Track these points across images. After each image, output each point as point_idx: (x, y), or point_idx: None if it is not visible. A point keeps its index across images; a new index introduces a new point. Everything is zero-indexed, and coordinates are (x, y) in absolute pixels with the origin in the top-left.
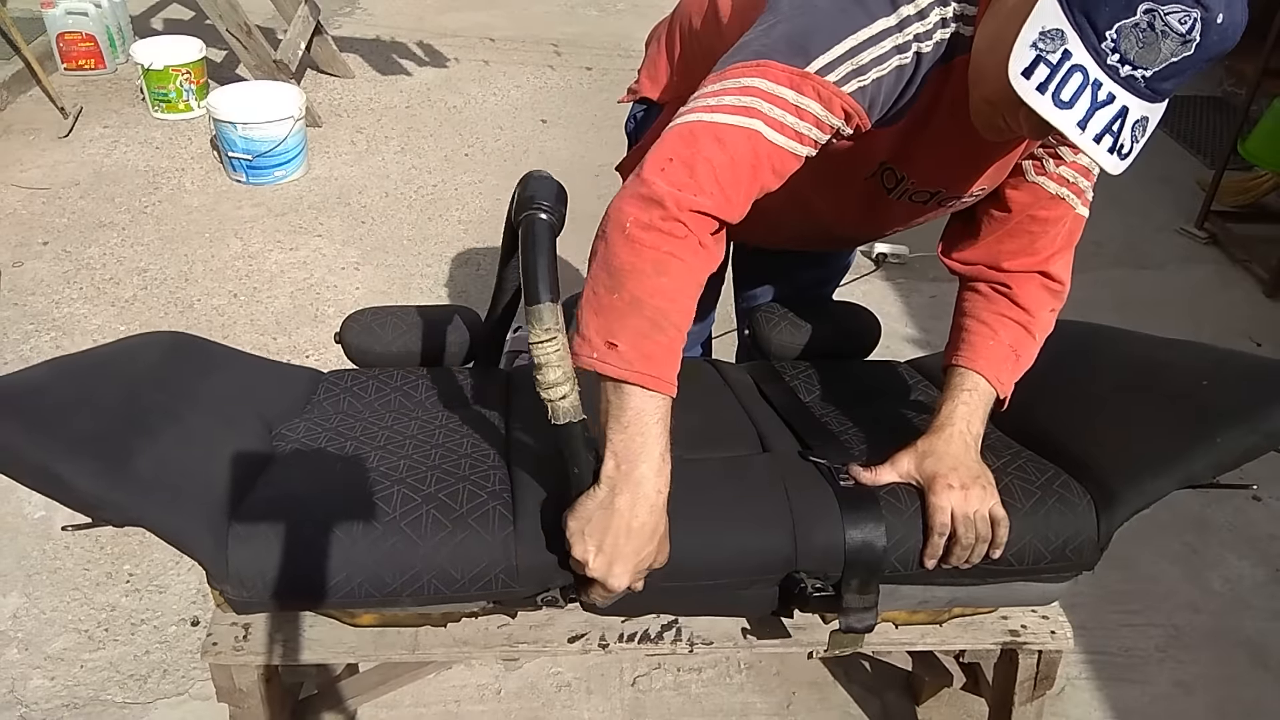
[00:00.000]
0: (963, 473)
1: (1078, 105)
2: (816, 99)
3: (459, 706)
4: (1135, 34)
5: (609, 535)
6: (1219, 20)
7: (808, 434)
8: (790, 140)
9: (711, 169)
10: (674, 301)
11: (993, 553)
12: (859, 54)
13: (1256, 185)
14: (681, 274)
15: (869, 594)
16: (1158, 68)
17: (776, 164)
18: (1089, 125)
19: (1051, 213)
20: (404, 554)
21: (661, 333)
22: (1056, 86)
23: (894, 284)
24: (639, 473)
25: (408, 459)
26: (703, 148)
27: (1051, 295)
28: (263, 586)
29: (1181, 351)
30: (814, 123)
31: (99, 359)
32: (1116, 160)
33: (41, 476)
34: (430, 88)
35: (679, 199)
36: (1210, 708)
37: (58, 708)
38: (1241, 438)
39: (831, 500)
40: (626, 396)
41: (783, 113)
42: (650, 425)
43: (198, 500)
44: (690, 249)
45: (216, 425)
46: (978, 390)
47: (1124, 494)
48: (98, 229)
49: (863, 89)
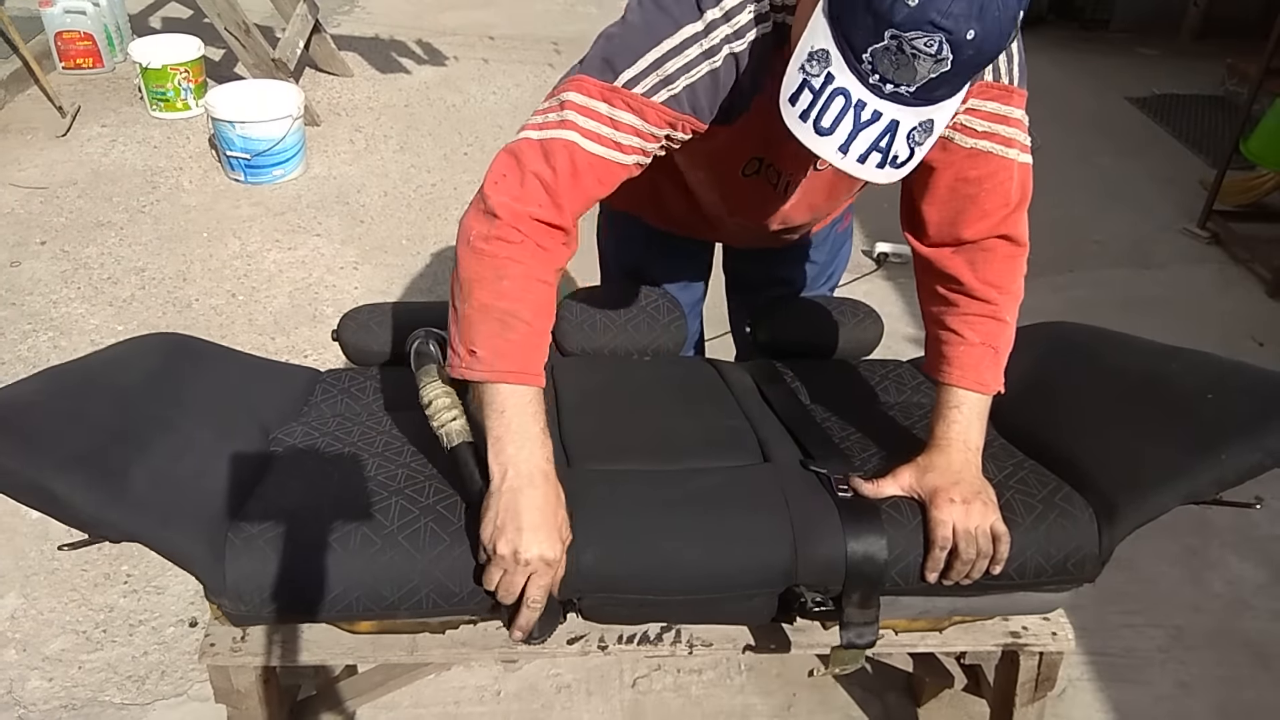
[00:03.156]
0: (964, 488)
1: (839, 130)
2: (628, 110)
3: (458, 708)
4: (888, 56)
5: (505, 514)
6: (969, 36)
7: (809, 441)
8: (609, 149)
9: (538, 181)
10: (519, 300)
11: (993, 569)
12: (664, 64)
13: (1259, 185)
14: (520, 275)
15: (870, 608)
16: (920, 84)
17: (600, 172)
18: (851, 148)
19: (980, 169)
20: (402, 568)
21: (512, 330)
22: (818, 113)
23: (895, 283)
24: (516, 454)
25: (405, 467)
26: (528, 162)
27: (1016, 261)
28: (260, 601)
29: (1186, 362)
30: (633, 132)
31: (92, 369)
32: (891, 171)
33: (37, 495)
34: (429, 86)
35: (512, 209)
36: (1212, 709)
37: (56, 709)
38: (1245, 455)
39: (833, 513)
40: (494, 393)
41: (598, 125)
42: (519, 412)
43: (194, 515)
44: (528, 252)
45: (212, 434)
46: (967, 403)
47: (1126, 509)
48: (95, 228)
49: (675, 97)
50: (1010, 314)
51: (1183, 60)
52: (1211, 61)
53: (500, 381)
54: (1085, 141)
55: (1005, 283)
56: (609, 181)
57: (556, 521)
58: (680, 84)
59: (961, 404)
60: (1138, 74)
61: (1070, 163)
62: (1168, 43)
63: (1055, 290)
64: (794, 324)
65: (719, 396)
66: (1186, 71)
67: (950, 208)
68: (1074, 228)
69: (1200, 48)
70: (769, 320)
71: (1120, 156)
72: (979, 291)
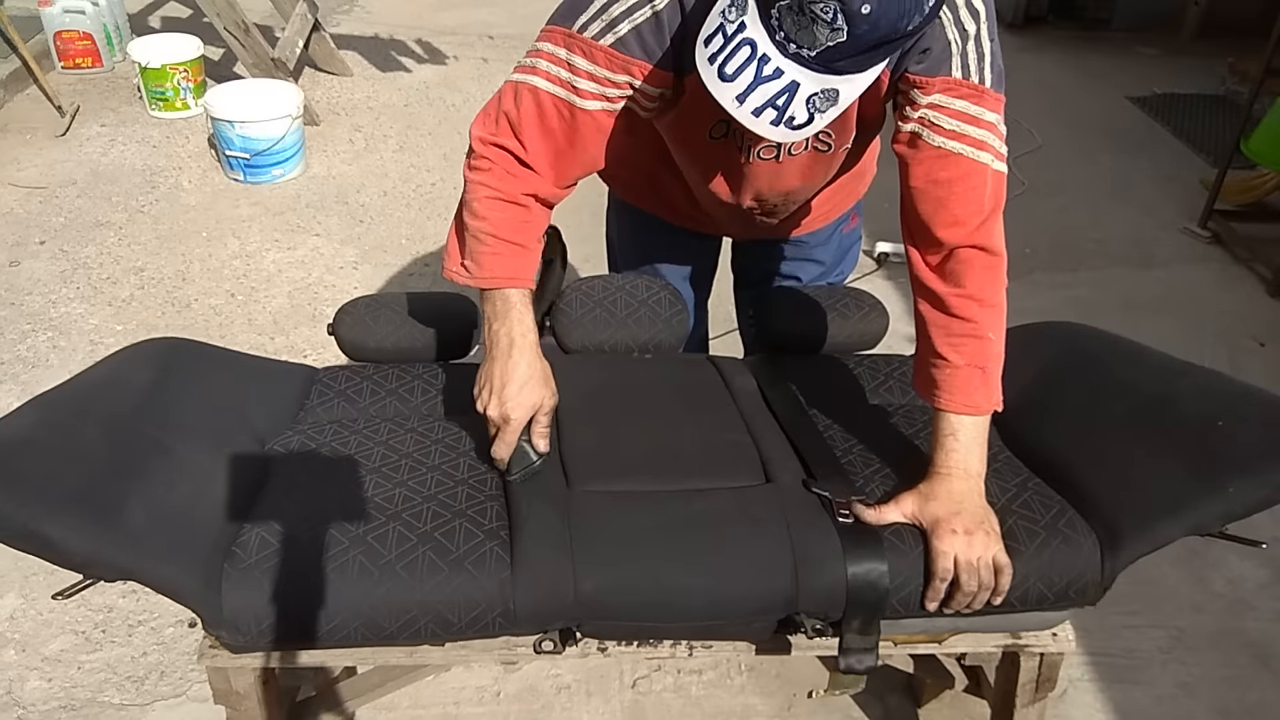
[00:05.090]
0: (966, 518)
1: (740, 79)
2: (583, 56)
3: (458, 709)
4: (791, 16)
5: (493, 377)
6: (864, 11)
7: (811, 458)
8: (568, 92)
9: (506, 120)
10: (487, 219)
11: (994, 600)
12: (610, 8)
13: (1260, 184)
14: (487, 197)
15: (870, 634)
16: (819, 50)
17: (562, 115)
18: (749, 100)
19: (950, 171)
20: (399, 598)
21: (485, 246)
22: (725, 59)
23: (896, 283)
24: (498, 329)
25: (403, 485)
26: (503, 102)
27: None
28: (257, 632)
29: (1196, 383)
30: (588, 77)
31: (85, 391)
32: (786, 130)
33: (30, 539)
34: (429, 86)
35: (481, 139)
36: (1213, 709)
37: (55, 709)
38: (1253, 490)
39: (835, 540)
40: (484, 294)
41: (558, 69)
42: (504, 304)
43: (190, 548)
44: (495, 177)
45: (208, 454)
46: (962, 428)
47: (1131, 538)
48: (95, 228)
49: (620, 40)
50: (994, 330)
51: (1183, 60)
52: (1212, 61)
53: (485, 287)
54: (1086, 141)
55: (986, 295)
56: (576, 125)
57: (520, 384)
58: (624, 27)
59: (957, 430)
60: (1138, 73)
61: (1071, 162)
62: (1168, 42)
63: (1055, 290)
64: (798, 314)
65: (721, 404)
66: (1187, 71)
67: (924, 208)
68: (1074, 227)
69: (1200, 47)
70: (772, 309)
71: (1121, 156)
72: (959, 309)
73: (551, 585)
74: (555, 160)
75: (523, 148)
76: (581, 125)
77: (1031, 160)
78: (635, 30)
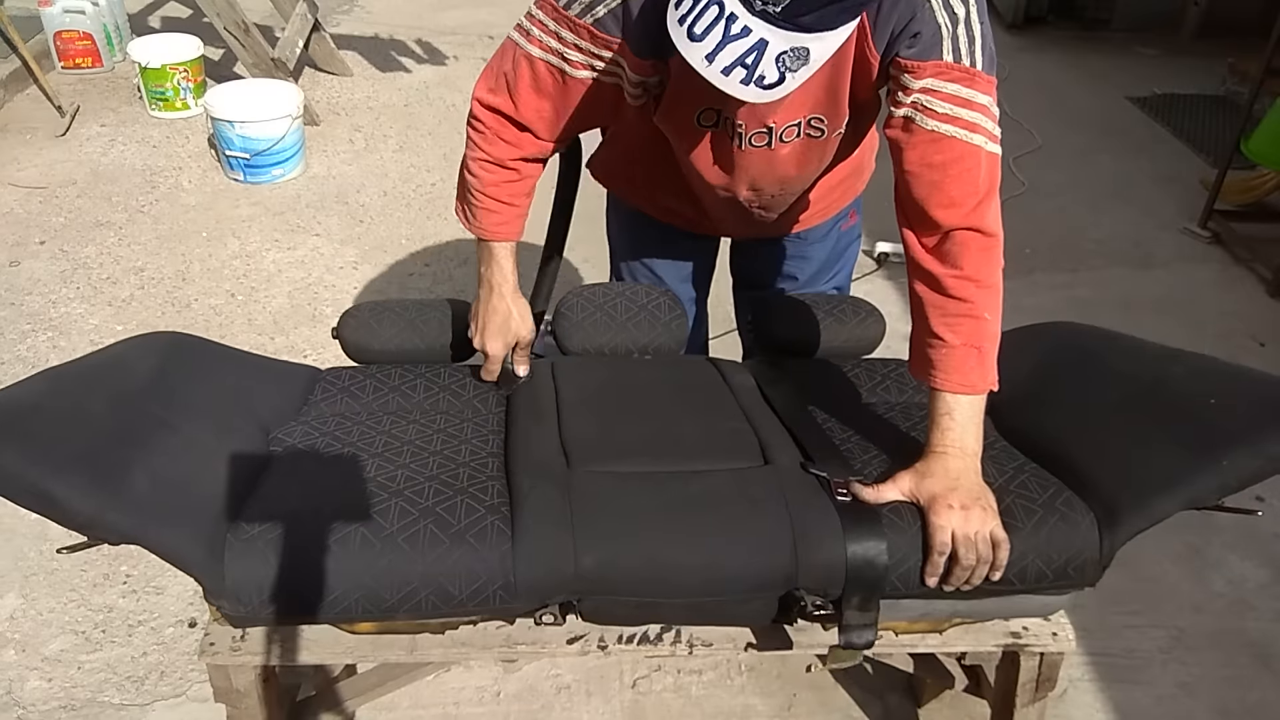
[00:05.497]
0: (963, 493)
1: (709, 38)
2: (569, 30)
3: (458, 708)
4: None
5: (478, 316)
6: None
7: (809, 443)
8: (556, 59)
9: (504, 80)
10: (476, 177)
11: (993, 575)
12: None
13: (1260, 184)
14: (479, 158)
15: (869, 611)
16: (784, 4)
17: (554, 79)
18: (718, 58)
19: (945, 154)
20: (401, 570)
21: (478, 203)
22: (694, 19)
23: (895, 283)
24: (484, 273)
25: (405, 468)
26: (503, 61)
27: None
28: (259, 602)
29: (1188, 365)
30: (574, 48)
31: (93, 369)
32: (757, 90)
33: (36, 497)
34: (429, 85)
35: (482, 100)
36: (1213, 709)
37: (55, 709)
38: (1247, 461)
39: (834, 518)
40: (478, 242)
41: (546, 37)
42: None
43: (193, 516)
44: (487, 140)
45: (212, 434)
46: (958, 408)
47: (1128, 514)
48: (95, 228)
49: (598, 20)
50: (990, 310)
51: (1183, 60)
52: (1212, 61)
53: (476, 236)
54: (1086, 141)
55: (982, 276)
56: (568, 89)
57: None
58: (600, 10)
59: (953, 409)
60: (1138, 73)
61: (1071, 162)
62: (1168, 42)
63: (1055, 290)
64: (796, 320)
65: (720, 397)
66: (1187, 71)
67: (919, 191)
68: (1074, 227)
69: (1200, 47)
70: (770, 316)
71: (1121, 156)
72: (956, 290)
73: (552, 559)
74: (551, 118)
75: (516, 109)
76: (573, 90)
77: (1031, 160)
78: (611, 12)
